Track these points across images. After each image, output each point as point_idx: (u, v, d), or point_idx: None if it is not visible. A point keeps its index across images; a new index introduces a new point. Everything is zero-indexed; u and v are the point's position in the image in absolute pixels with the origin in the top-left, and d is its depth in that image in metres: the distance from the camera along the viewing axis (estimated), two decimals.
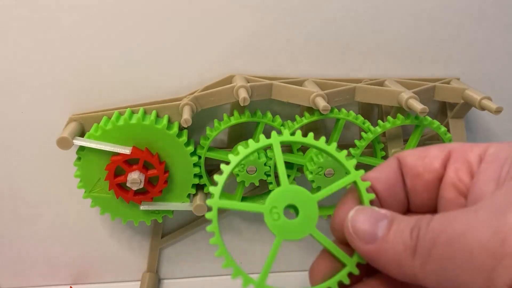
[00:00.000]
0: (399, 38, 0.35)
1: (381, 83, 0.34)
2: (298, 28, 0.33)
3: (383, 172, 0.20)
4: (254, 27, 0.33)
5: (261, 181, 0.33)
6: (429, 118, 0.32)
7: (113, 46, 0.32)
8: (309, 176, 0.33)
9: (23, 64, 0.32)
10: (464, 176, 0.18)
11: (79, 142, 0.30)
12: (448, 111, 0.37)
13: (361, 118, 0.33)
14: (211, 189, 0.19)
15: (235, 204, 0.19)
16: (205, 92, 0.31)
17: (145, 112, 0.32)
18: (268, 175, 0.33)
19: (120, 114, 0.31)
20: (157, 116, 0.32)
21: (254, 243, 0.42)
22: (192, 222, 0.40)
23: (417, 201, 0.20)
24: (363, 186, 0.19)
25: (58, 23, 0.31)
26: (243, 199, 0.35)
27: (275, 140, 0.20)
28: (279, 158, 0.19)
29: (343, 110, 0.32)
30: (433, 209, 0.20)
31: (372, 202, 0.19)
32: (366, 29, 0.34)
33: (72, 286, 0.41)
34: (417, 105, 0.30)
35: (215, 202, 0.19)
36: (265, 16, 0.33)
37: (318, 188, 0.33)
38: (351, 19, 0.34)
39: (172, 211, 0.34)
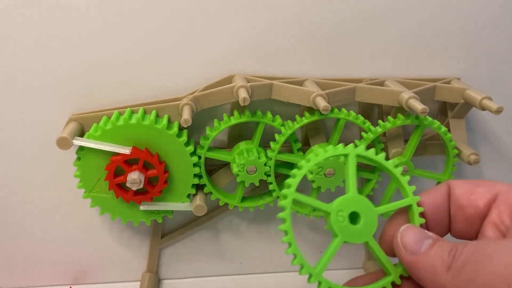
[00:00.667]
0: (399, 38, 0.35)
1: (381, 83, 0.34)
2: (298, 28, 0.33)
3: (433, 197, 0.23)
4: (254, 27, 0.33)
5: (261, 181, 0.33)
6: (429, 118, 0.32)
7: (113, 46, 0.32)
8: (309, 176, 0.33)
9: (23, 64, 0.32)
10: (506, 218, 0.21)
11: (78, 142, 0.30)
12: (448, 111, 0.37)
13: (361, 118, 0.33)
14: (284, 191, 0.21)
15: (309, 199, 0.21)
16: (205, 92, 0.31)
17: (145, 112, 0.31)
18: (268, 175, 0.33)
19: (120, 114, 0.31)
20: (157, 116, 0.32)
21: (254, 243, 0.42)
22: (192, 222, 0.40)
23: (457, 229, 0.23)
24: (417, 210, 0.22)
25: (58, 23, 0.31)
26: (244, 199, 0.35)
27: (352, 151, 0.22)
28: (352, 169, 0.22)
29: (343, 110, 0.32)
30: (473, 239, 0.22)
31: (420, 225, 0.22)
32: (366, 29, 0.34)
33: (72, 286, 0.41)
34: (418, 105, 0.30)
35: (290, 197, 0.21)
36: (265, 16, 0.33)
37: (318, 188, 0.33)
38: (351, 19, 0.34)
39: (172, 211, 0.34)
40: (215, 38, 0.33)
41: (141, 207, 0.33)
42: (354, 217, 0.21)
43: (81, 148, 0.30)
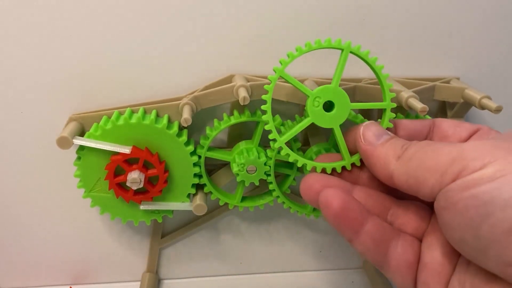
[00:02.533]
0: (399, 38, 0.35)
1: None
2: (298, 28, 0.33)
3: (413, 123, 0.26)
4: (254, 27, 0.33)
5: (261, 181, 0.33)
6: (428, 117, 0.32)
7: (113, 46, 0.32)
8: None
9: (23, 64, 0.32)
10: None
11: (79, 141, 0.30)
12: (448, 110, 0.37)
13: (360, 117, 0.33)
14: (281, 59, 0.25)
15: (294, 80, 0.25)
16: (205, 91, 0.31)
17: (145, 112, 0.32)
18: (268, 175, 0.33)
19: (120, 113, 0.31)
20: (157, 115, 0.32)
21: (254, 243, 0.42)
22: (192, 222, 0.40)
23: None
24: (389, 115, 0.25)
25: (58, 23, 0.31)
26: (244, 199, 0.35)
27: (347, 48, 0.25)
28: (342, 63, 0.25)
29: None
30: None
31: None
32: (366, 28, 0.34)
33: (72, 286, 0.41)
34: (417, 104, 0.30)
35: (280, 70, 0.25)
36: (265, 16, 0.33)
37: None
38: (350, 18, 0.34)
39: (172, 211, 0.34)
40: (215, 38, 0.33)
41: (141, 207, 0.33)
42: (329, 106, 0.24)
43: (81, 148, 0.31)
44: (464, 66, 0.36)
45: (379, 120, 0.27)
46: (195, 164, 0.32)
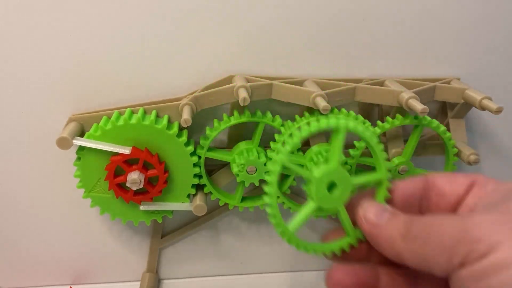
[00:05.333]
0: (399, 38, 0.35)
1: (381, 83, 0.34)
2: (298, 28, 0.33)
3: (406, 184, 0.25)
4: (254, 27, 0.33)
5: (261, 181, 0.33)
6: (428, 118, 0.32)
7: (113, 46, 0.32)
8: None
9: (23, 64, 0.32)
10: (478, 202, 0.22)
11: (79, 142, 0.30)
12: (448, 111, 0.37)
13: (361, 118, 0.33)
14: (279, 151, 0.23)
15: (296, 166, 0.22)
16: (205, 92, 0.31)
17: (145, 112, 0.32)
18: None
19: (120, 114, 0.31)
20: (157, 116, 0.32)
21: (254, 243, 0.42)
22: (192, 222, 0.40)
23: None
24: (386, 185, 0.24)
25: (58, 23, 0.31)
26: (244, 199, 0.35)
27: (344, 126, 0.23)
28: (340, 142, 0.23)
29: (343, 110, 0.32)
30: None
31: (387, 202, 0.24)
32: (366, 29, 0.34)
33: (72, 286, 0.42)
34: (417, 105, 0.30)
35: (282, 160, 0.22)
36: (265, 16, 0.33)
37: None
38: (351, 19, 0.34)
39: (172, 211, 0.34)
40: (215, 38, 0.33)
41: (141, 207, 0.33)
42: (331, 185, 0.23)
43: (81, 148, 0.30)
44: (464, 67, 0.36)
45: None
46: (195, 165, 0.32)
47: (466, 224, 0.19)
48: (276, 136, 0.32)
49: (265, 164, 0.32)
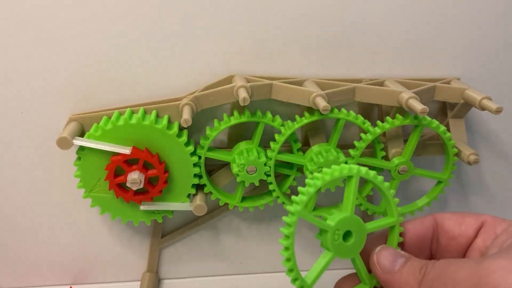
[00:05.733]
0: (399, 38, 0.35)
1: (381, 83, 0.34)
2: (298, 28, 0.33)
3: (416, 227, 0.25)
4: (254, 27, 0.33)
5: (261, 181, 0.33)
6: (428, 118, 0.32)
7: (113, 46, 0.32)
8: (309, 176, 0.32)
9: (23, 64, 0.32)
10: (488, 244, 0.23)
11: (79, 142, 0.30)
12: (448, 111, 0.37)
13: (361, 118, 0.33)
14: (295, 201, 0.22)
15: (313, 219, 0.22)
16: (205, 92, 0.31)
17: (145, 112, 0.32)
18: (268, 175, 0.33)
19: (120, 114, 0.31)
20: (157, 116, 0.32)
21: (254, 243, 0.42)
22: (192, 222, 0.40)
23: (446, 257, 0.24)
24: (398, 230, 0.25)
25: (58, 23, 0.31)
26: (244, 199, 0.35)
27: (357, 174, 0.23)
28: (355, 189, 0.23)
29: (343, 110, 0.32)
30: None
31: (399, 245, 0.25)
32: (366, 29, 0.34)
33: (72, 286, 0.41)
34: (417, 105, 0.30)
35: (299, 212, 0.22)
36: (265, 16, 0.33)
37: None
38: (351, 19, 0.34)
39: (172, 211, 0.34)
40: (215, 38, 0.33)
41: (141, 207, 0.33)
42: (346, 234, 0.23)
43: (81, 148, 0.31)
44: (464, 67, 0.36)
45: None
46: (195, 165, 0.32)
47: (481, 270, 0.19)
48: (276, 136, 0.32)
49: (265, 164, 0.32)
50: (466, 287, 0.19)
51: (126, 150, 0.30)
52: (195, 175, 0.32)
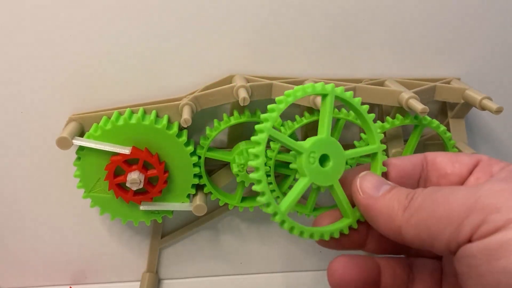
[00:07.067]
0: (399, 38, 0.35)
1: (381, 83, 0.34)
2: (298, 28, 0.33)
3: (403, 162, 0.23)
4: (254, 27, 0.33)
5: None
6: (428, 118, 0.32)
7: (113, 46, 0.32)
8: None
9: (23, 64, 0.32)
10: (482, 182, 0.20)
11: (78, 142, 0.30)
12: (448, 111, 0.37)
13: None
14: (261, 126, 0.20)
15: (283, 136, 0.20)
16: (205, 92, 0.31)
17: (145, 112, 0.32)
18: (268, 175, 0.33)
19: (120, 114, 0.31)
20: (157, 116, 0.32)
21: (254, 243, 0.42)
22: (192, 222, 0.40)
23: None
24: (381, 158, 0.23)
25: (57, 23, 0.31)
26: (244, 199, 0.35)
27: (332, 92, 0.22)
28: (330, 110, 0.22)
29: (343, 110, 0.32)
30: None
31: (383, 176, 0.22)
32: (366, 29, 0.34)
33: (71, 286, 0.41)
34: (418, 105, 0.30)
35: (268, 129, 0.20)
36: (265, 16, 0.33)
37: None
38: (351, 18, 0.34)
39: (172, 211, 0.34)
40: (215, 38, 0.33)
41: (141, 207, 0.33)
42: (323, 159, 0.21)
43: (81, 148, 0.30)
44: (464, 67, 0.36)
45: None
46: (195, 165, 0.32)
47: (479, 193, 0.16)
48: None
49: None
50: (460, 209, 0.16)
51: (126, 150, 0.30)
52: (195, 175, 0.32)
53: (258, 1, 0.32)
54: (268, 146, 0.33)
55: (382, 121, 0.33)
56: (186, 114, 0.30)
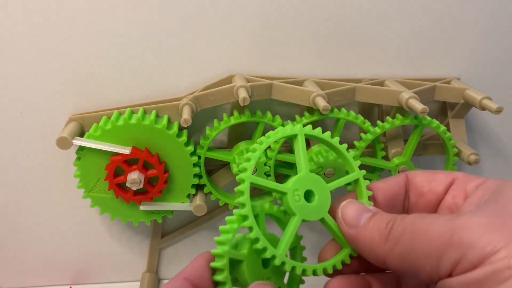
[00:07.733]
0: (399, 38, 0.35)
1: (381, 83, 0.34)
2: (298, 28, 0.33)
3: (388, 184, 0.23)
4: (254, 27, 0.33)
5: None
6: (428, 118, 0.32)
7: (113, 46, 0.32)
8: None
9: (23, 64, 0.32)
10: (459, 201, 0.21)
11: (78, 142, 0.30)
12: (448, 111, 0.37)
13: (361, 118, 0.33)
14: (241, 176, 0.21)
15: (265, 181, 0.21)
16: (205, 92, 0.31)
17: (145, 112, 0.32)
18: (268, 175, 0.33)
19: (120, 114, 0.31)
20: (157, 116, 0.32)
21: None
22: (192, 222, 0.40)
23: None
24: (364, 184, 0.23)
25: (58, 23, 0.31)
26: None
27: (301, 131, 0.23)
28: (303, 148, 0.22)
29: (343, 110, 0.32)
30: None
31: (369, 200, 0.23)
32: (366, 29, 0.34)
33: (71, 286, 0.41)
34: (418, 105, 0.30)
35: (247, 176, 0.21)
36: (265, 16, 0.33)
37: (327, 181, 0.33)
38: (351, 19, 0.34)
39: (172, 211, 0.34)
40: (215, 38, 0.33)
41: (141, 207, 0.33)
42: (308, 195, 0.22)
43: (81, 148, 0.30)
44: (464, 67, 0.36)
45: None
46: (195, 165, 0.32)
47: (455, 226, 0.17)
48: None
49: (265, 164, 0.32)
50: (438, 243, 0.17)
51: (126, 150, 0.30)
52: (195, 175, 0.32)
53: (258, 1, 0.32)
54: (268, 147, 0.33)
55: (382, 121, 0.33)
56: (186, 114, 0.30)
